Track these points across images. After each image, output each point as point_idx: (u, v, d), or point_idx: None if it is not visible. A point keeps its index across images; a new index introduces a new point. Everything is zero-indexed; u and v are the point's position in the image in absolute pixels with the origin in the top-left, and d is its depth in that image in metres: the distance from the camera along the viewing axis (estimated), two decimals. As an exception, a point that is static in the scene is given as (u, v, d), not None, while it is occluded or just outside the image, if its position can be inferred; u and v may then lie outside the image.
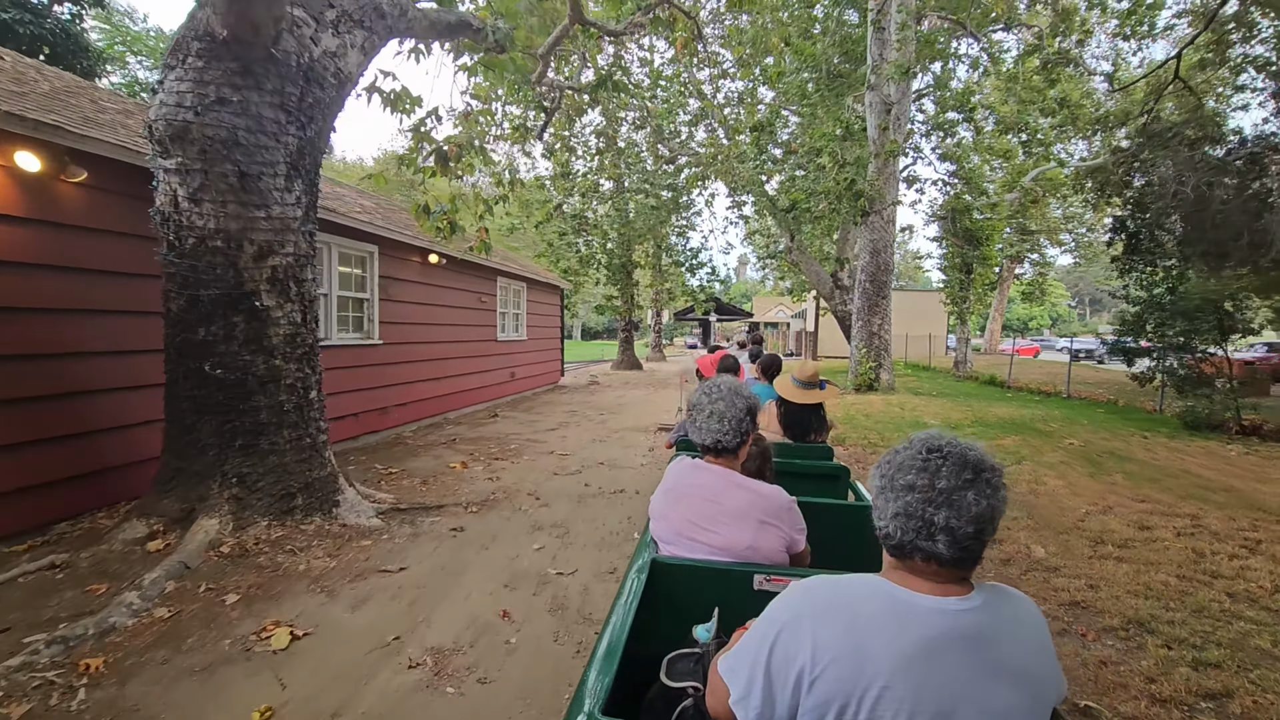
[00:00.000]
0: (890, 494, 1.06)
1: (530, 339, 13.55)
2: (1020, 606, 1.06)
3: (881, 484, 1.09)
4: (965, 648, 0.97)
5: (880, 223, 14.08)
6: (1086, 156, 24.30)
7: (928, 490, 1.01)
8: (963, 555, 1.00)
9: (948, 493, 1.00)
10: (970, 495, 1.00)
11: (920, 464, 1.05)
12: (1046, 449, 7.79)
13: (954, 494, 1.00)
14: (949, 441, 1.08)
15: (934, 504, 1.00)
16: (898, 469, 1.07)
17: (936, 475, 1.02)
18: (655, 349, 29.59)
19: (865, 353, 14.19)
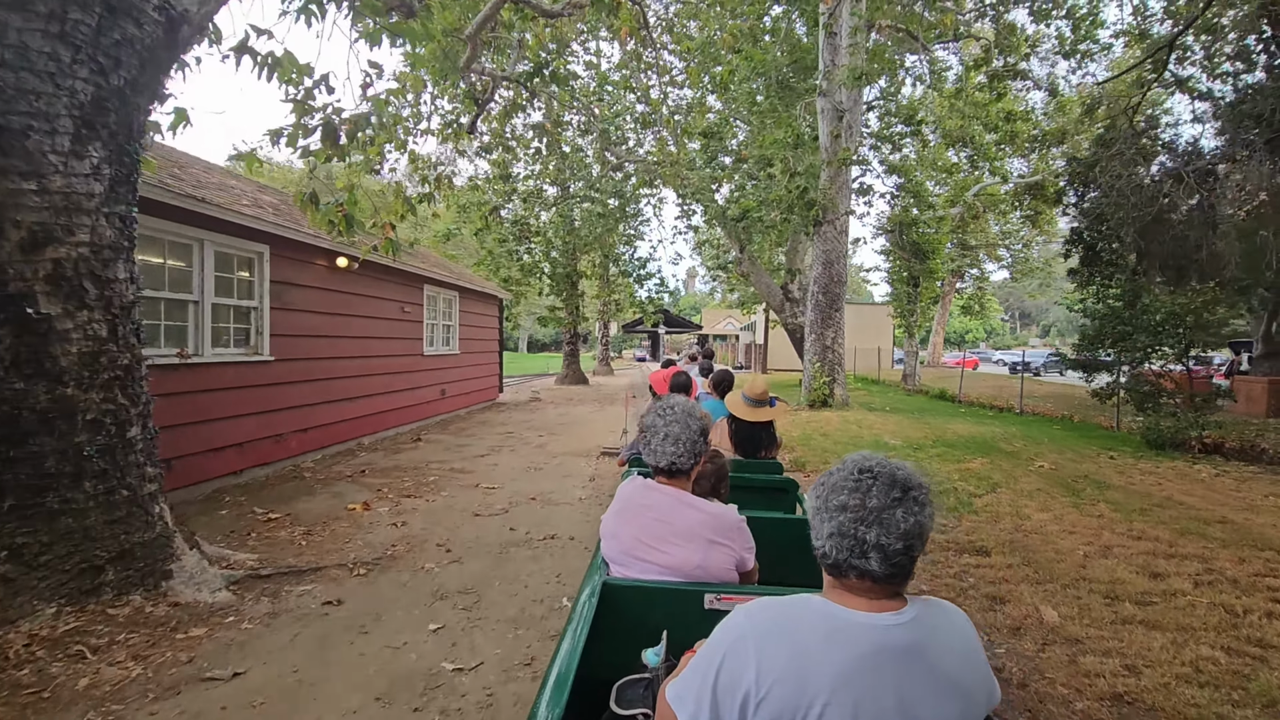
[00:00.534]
0: (825, 514, 1.09)
1: (464, 353, 12.44)
2: (950, 618, 1.10)
3: (817, 505, 1.12)
4: (899, 661, 1.00)
5: (833, 233, 13.63)
6: (1025, 173, 24.86)
7: (859, 510, 1.05)
8: (894, 571, 1.03)
9: (878, 511, 1.04)
10: (899, 513, 1.03)
11: (852, 484, 1.08)
12: (1018, 473, 7.25)
13: (884, 512, 1.03)
14: (879, 461, 1.11)
15: (865, 523, 1.03)
16: (831, 490, 1.10)
17: (868, 495, 1.05)
18: (602, 362, 28.67)
19: (819, 367, 13.66)
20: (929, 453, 8.53)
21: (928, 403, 16.19)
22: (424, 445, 8.94)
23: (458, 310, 12.13)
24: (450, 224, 16.85)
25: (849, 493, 1.07)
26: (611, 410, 14.13)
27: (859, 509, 1.04)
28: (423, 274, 10.23)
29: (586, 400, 16.55)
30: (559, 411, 13.70)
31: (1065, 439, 9.96)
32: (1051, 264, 35.47)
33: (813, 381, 13.70)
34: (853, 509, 1.05)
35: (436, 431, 10.23)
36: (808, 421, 11.54)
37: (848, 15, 12.81)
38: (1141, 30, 14.85)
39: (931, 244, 20.43)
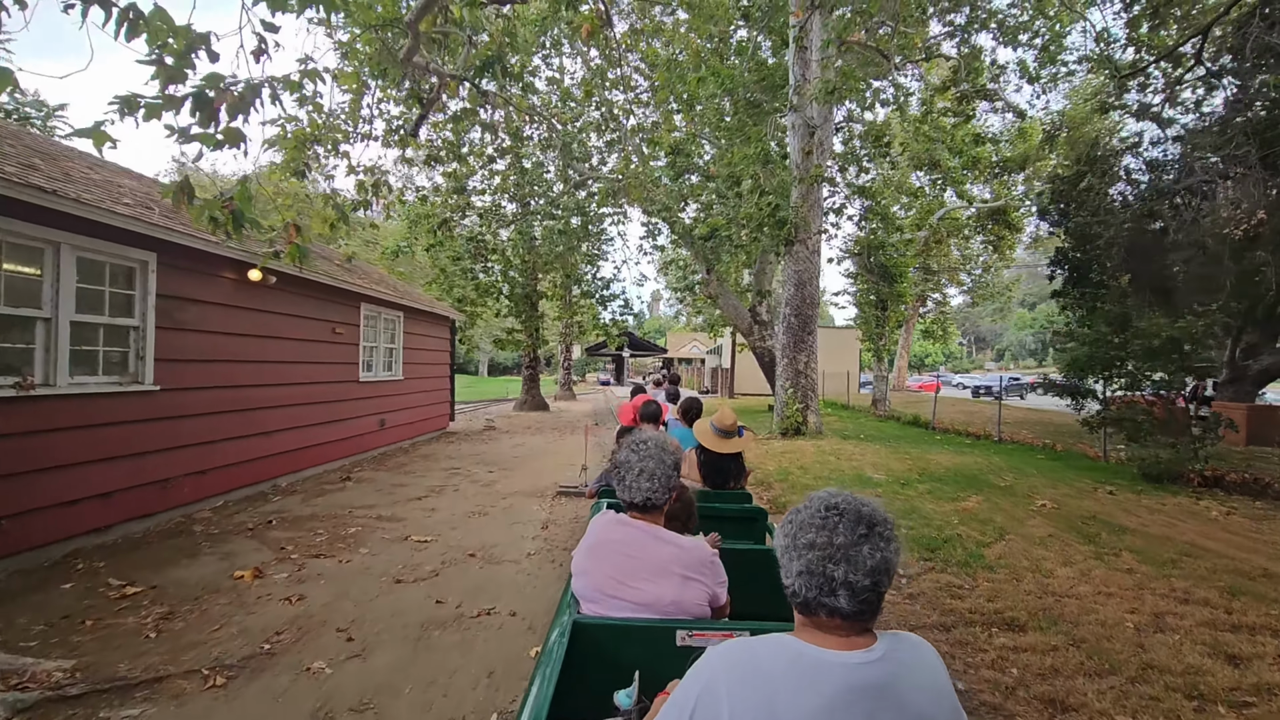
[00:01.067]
0: (794, 553, 1.09)
1: (409, 378, 11.33)
2: (919, 653, 1.10)
3: (785, 543, 1.12)
4: (870, 699, 1.00)
5: (805, 253, 13.04)
6: (988, 199, 25.02)
7: (827, 547, 1.06)
8: (863, 608, 1.04)
9: (845, 548, 1.05)
10: (865, 549, 1.05)
11: (819, 522, 1.09)
12: (1020, 514, 6.54)
13: (851, 549, 1.05)
14: (845, 498, 1.13)
15: (833, 560, 1.05)
16: (799, 528, 1.11)
17: (834, 532, 1.07)
18: (564, 387, 27.60)
19: (792, 393, 12.95)
20: (917, 489, 7.80)
21: (901, 430, 15.63)
22: (352, 486, 7.81)
23: (402, 332, 11.05)
24: (401, 239, 15.76)
25: (816, 530, 1.08)
26: (572, 440, 13.13)
27: (826, 546, 1.06)
28: (359, 291, 9.17)
29: (545, 428, 15.50)
30: (514, 442, 12.64)
31: (1054, 471, 9.38)
32: (1011, 288, 36.01)
33: (785, 408, 12.97)
34: (820, 546, 1.06)
35: (372, 468, 9.09)
36: (782, 453, 10.75)
37: (818, 29, 12.38)
38: (1104, 56, 14.88)
39: (899, 267, 20.17)
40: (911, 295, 22.70)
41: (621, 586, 1.78)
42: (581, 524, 6.30)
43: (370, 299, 9.68)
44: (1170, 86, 14.01)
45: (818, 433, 13.05)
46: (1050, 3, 14.95)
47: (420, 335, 12.02)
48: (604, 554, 1.84)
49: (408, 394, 11.32)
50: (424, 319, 12.19)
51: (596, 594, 1.81)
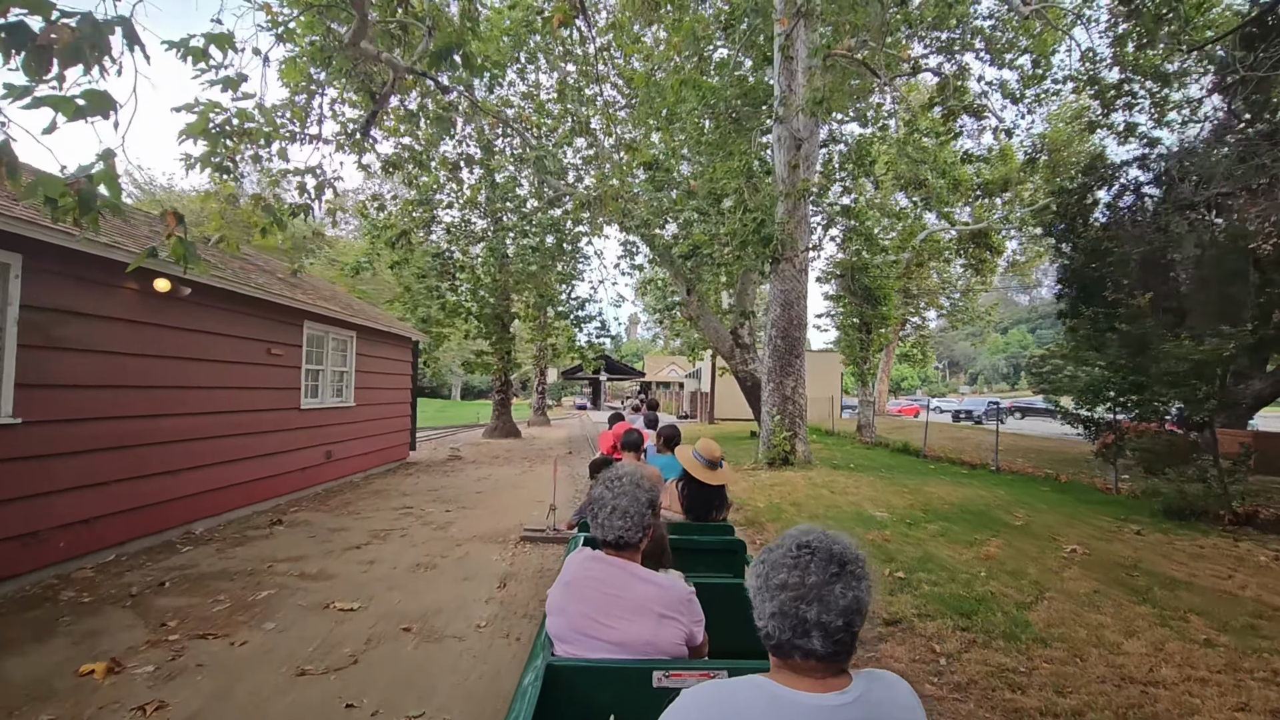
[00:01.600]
0: (766, 594, 1.07)
1: (362, 404, 10.27)
2: (894, 692, 1.09)
3: (758, 584, 1.10)
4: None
5: (792, 271, 12.34)
6: (969, 222, 24.83)
7: (799, 587, 1.04)
8: (837, 649, 1.03)
9: (818, 588, 1.03)
10: (838, 588, 1.03)
11: (791, 561, 1.07)
12: (1050, 561, 5.73)
13: (823, 589, 1.03)
14: (818, 536, 1.10)
15: (806, 600, 1.03)
16: (772, 568, 1.09)
17: (807, 571, 1.05)
18: (538, 412, 26.50)
19: (779, 421, 12.12)
20: (926, 529, 6.96)
21: (892, 458, 14.89)
22: (283, 532, 6.73)
23: (354, 353, 10.02)
24: (363, 255, 14.76)
25: (788, 570, 1.06)
26: (544, 470, 12.12)
27: (799, 587, 1.04)
28: (302, 308, 8.17)
29: (515, 458, 14.44)
30: (480, 474, 11.58)
31: (1065, 506, 8.65)
32: (990, 312, 35.98)
33: (772, 437, 12.13)
34: (792, 587, 1.04)
35: (311, 508, 7.99)
36: (771, 486, 9.88)
37: (804, 39, 11.84)
38: (1091, 76, 14.62)
39: (883, 289, 19.68)
40: (896, 318, 22.19)
41: (597, 625, 1.73)
42: (548, 577, 5.37)
43: (316, 317, 8.67)
44: (1158, 105, 13.77)
45: (807, 463, 12.21)
46: (1032, 24, 14.70)
47: (377, 358, 10.99)
48: (580, 592, 1.79)
49: (360, 422, 10.25)
50: (381, 340, 11.16)
51: (573, 634, 1.75)
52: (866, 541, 6.33)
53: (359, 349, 10.17)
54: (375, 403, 10.87)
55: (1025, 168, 21.66)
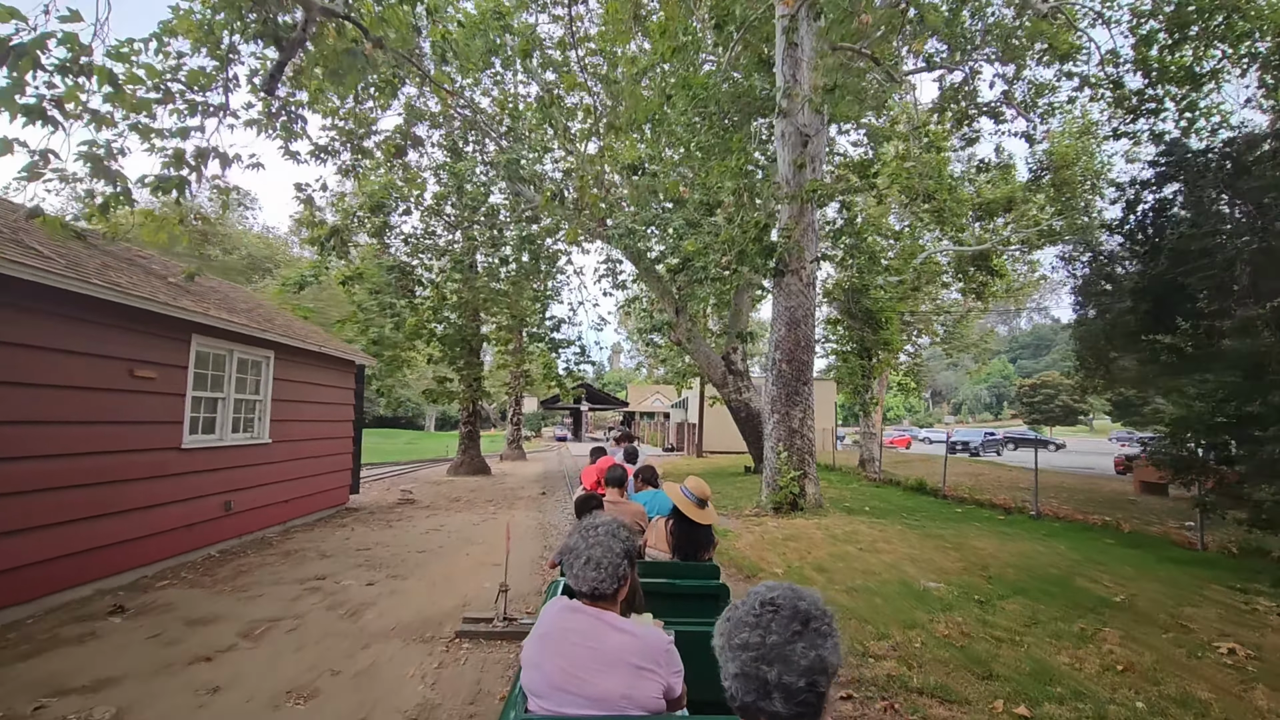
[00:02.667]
0: (729, 653, 1.05)
1: (281, 441, 8.36)
2: None
3: (720, 643, 1.08)
4: None
5: (798, 285, 10.73)
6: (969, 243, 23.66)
7: (760, 647, 1.02)
8: (801, 710, 1.00)
9: (779, 647, 1.01)
10: (800, 646, 1.01)
11: (753, 619, 1.05)
12: (1210, 669, 4.01)
13: (785, 648, 1.01)
14: (782, 592, 1.08)
15: (767, 660, 1.00)
16: (735, 626, 1.07)
17: (768, 630, 1.03)
18: (513, 444, 24.48)
19: (786, 458, 10.38)
20: (1004, 611, 5.20)
21: (908, 498, 13.18)
22: (115, 627, 4.77)
23: (271, 378, 8.14)
24: (308, 269, 12.94)
25: (750, 629, 1.04)
26: (518, 517, 10.23)
27: (759, 646, 1.02)
28: (185, 317, 6.31)
29: (478, 500, 12.48)
30: (430, 524, 9.63)
31: (1149, 567, 6.97)
32: (987, 339, 34.78)
33: (778, 477, 10.36)
34: (753, 647, 1.02)
35: (188, 581, 6.03)
36: (784, 540, 8.09)
37: (809, 21, 10.44)
38: (1114, 79, 13.44)
39: (885, 312, 18.21)
40: (900, 343, 20.71)
41: (574, 680, 1.65)
42: (487, 711, 3.58)
43: (210, 330, 6.82)
44: (1186, 111, 12.61)
45: (818, 507, 10.45)
46: (1049, 25, 13.53)
47: (305, 383, 9.11)
48: (555, 644, 1.72)
49: (279, 463, 8.32)
50: (312, 362, 9.30)
51: (548, 689, 1.67)
52: (939, 638, 4.55)
53: (279, 372, 8.29)
54: (301, 438, 8.96)
55: (1030, 186, 20.61)
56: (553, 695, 1.67)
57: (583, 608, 1.79)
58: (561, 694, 1.65)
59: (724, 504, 11.57)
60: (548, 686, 1.68)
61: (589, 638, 1.71)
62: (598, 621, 1.74)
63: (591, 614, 1.76)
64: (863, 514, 10.63)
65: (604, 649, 1.69)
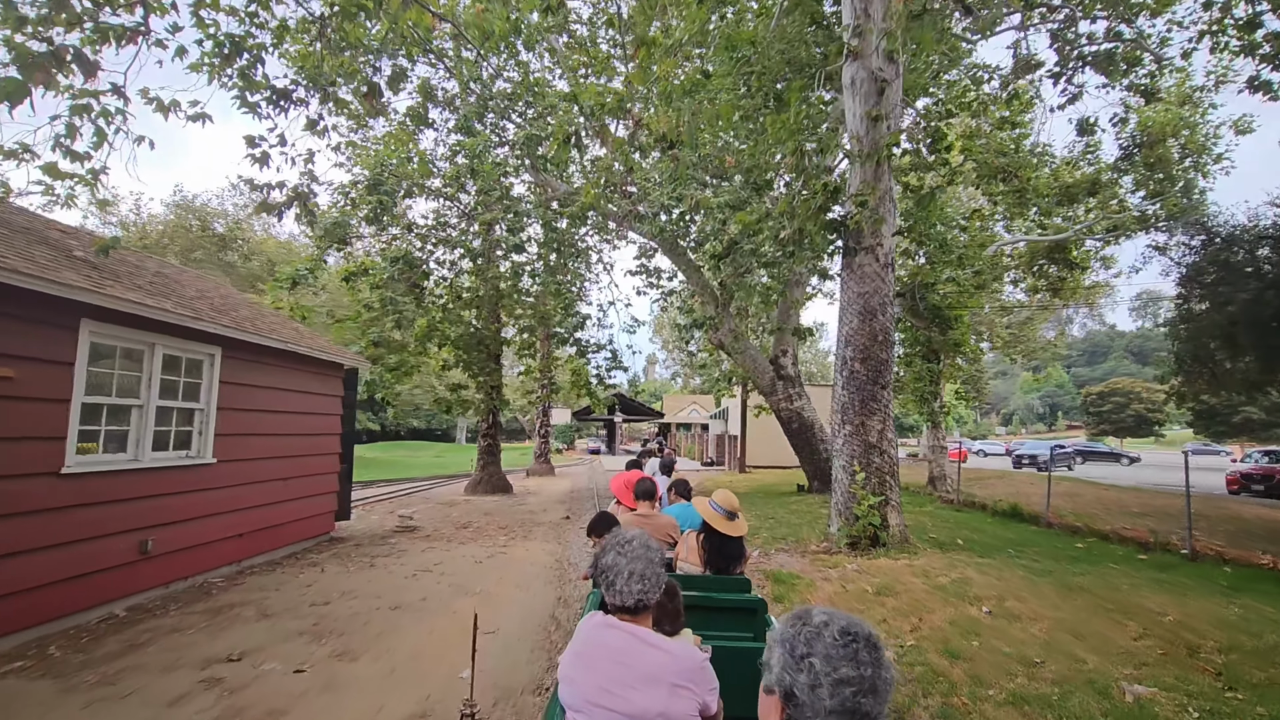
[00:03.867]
0: (826, 689, 1.02)
1: (230, 460, 6.69)
2: None
3: (810, 680, 1.04)
4: None
5: (874, 267, 8.69)
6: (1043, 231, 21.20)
7: (859, 681, 1.01)
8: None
9: (872, 679, 1.02)
10: (884, 674, 1.03)
11: (846, 652, 1.04)
12: None
13: (876, 678, 1.02)
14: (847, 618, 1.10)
15: (864, 693, 1.01)
16: (825, 660, 1.05)
17: (860, 663, 1.03)
18: (540, 459, 22.74)
19: (862, 480, 8.29)
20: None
21: (1004, 527, 10.90)
22: None
23: (217, 380, 6.48)
24: (304, 263, 11.44)
25: (848, 663, 1.03)
26: (532, 549, 8.41)
27: (859, 680, 1.02)
28: (66, 295, 4.65)
29: (490, 527, 10.66)
30: (420, 563, 7.82)
31: None
32: (1057, 343, 31.75)
33: (853, 503, 8.28)
34: (853, 681, 1.01)
35: (41, 662, 4.30)
36: (877, 595, 6.03)
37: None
38: (1249, 20, 11.06)
39: (956, 310, 15.93)
40: (972, 346, 18.30)
41: (609, 695, 1.67)
42: None
43: (115, 316, 5.15)
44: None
45: (904, 541, 8.32)
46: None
47: (270, 389, 7.45)
48: (590, 661, 1.75)
49: (226, 487, 6.63)
50: (281, 363, 7.64)
51: (584, 705, 1.70)
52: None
53: (229, 374, 6.63)
54: (263, 455, 7.28)
55: (1120, 165, 18.12)
56: (589, 710, 1.68)
57: (618, 624, 1.79)
58: (597, 709, 1.67)
59: (780, 533, 9.54)
60: (584, 702, 1.69)
61: (624, 654, 1.72)
62: (632, 638, 1.75)
63: (626, 630, 1.77)
64: (958, 549, 8.48)
65: (639, 666, 1.69)
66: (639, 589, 1.77)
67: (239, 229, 25.30)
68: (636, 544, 1.84)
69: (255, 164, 6.36)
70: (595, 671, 1.71)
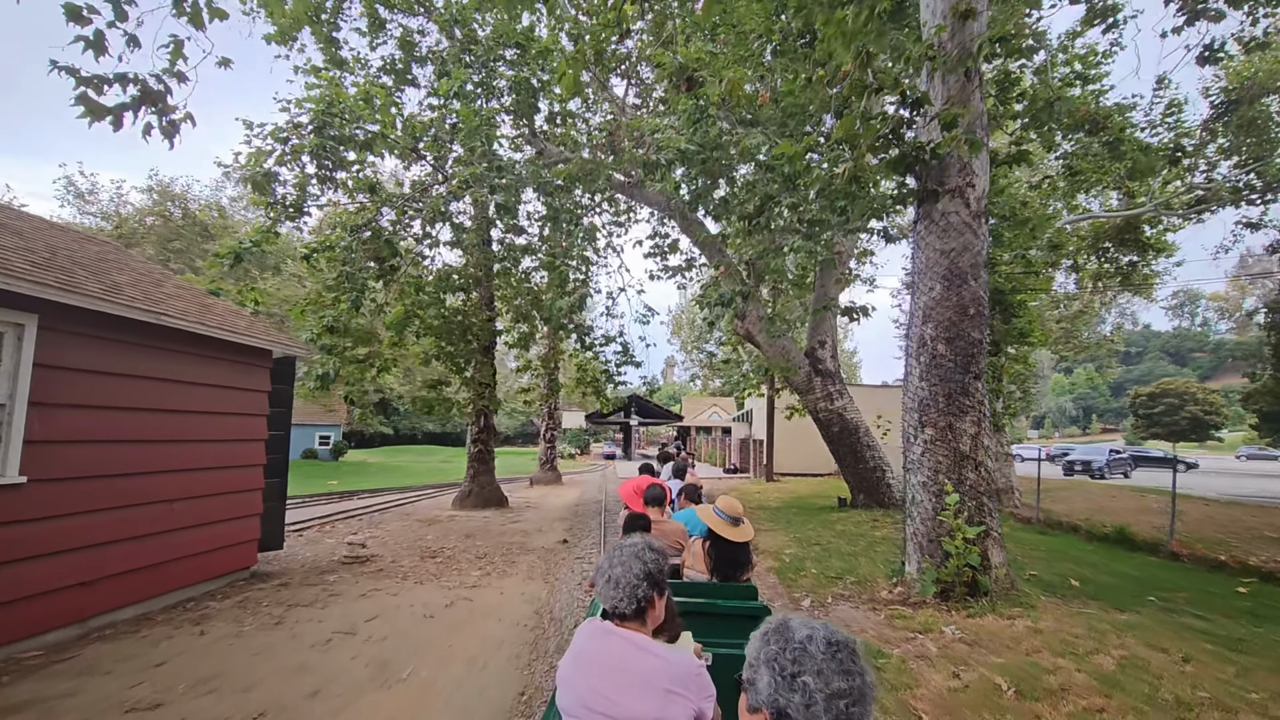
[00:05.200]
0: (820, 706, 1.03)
1: (56, 479, 4.67)
2: None
3: (804, 699, 1.05)
4: None
5: (962, 215, 6.49)
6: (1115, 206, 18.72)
7: (851, 692, 1.03)
8: None
9: (860, 688, 1.04)
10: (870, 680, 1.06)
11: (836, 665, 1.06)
12: None
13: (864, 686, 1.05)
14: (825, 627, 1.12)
15: (856, 702, 1.03)
16: (818, 676, 1.05)
17: (850, 673, 1.05)
18: (545, 465, 20.67)
19: (955, 504, 6.04)
20: None
21: (1114, 558, 8.57)
22: None
23: (29, 364, 4.46)
24: (253, 235, 9.51)
25: (839, 675, 1.04)
26: (509, 595, 6.32)
27: (850, 692, 1.02)
28: None
29: (465, 556, 8.56)
30: (349, 618, 5.72)
31: None
32: (1115, 339, 28.90)
33: (939, 533, 6.05)
34: (846, 694, 1.02)
35: None
36: (1014, 695, 3.82)
37: None
38: None
39: (1021, 294, 13.61)
40: (1041, 334, 15.84)
41: (604, 700, 1.68)
42: None
43: None
44: None
45: (1011, 588, 6.06)
46: None
47: (142, 380, 5.44)
48: (587, 665, 1.76)
49: (50, 519, 4.62)
50: (161, 344, 5.63)
51: (580, 709, 1.71)
52: None
53: (54, 356, 4.62)
54: (125, 471, 5.27)
55: (1211, 125, 15.66)
56: (585, 715, 1.69)
57: (614, 629, 1.80)
58: (592, 714, 1.68)
59: (833, 567, 7.36)
60: (579, 706, 1.70)
61: (620, 659, 1.72)
62: (628, 644, 1.75)
63: (622, 635, 1.77)
64: (1078, 595, 6.25)
65: (634, 671, 1.70)
66: (612, 595, 1.79)
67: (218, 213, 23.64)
68: (626, 551, 1.86)
69: (86, 49, 4.35)
70: (590, 675, 1.72)
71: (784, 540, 9.50)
